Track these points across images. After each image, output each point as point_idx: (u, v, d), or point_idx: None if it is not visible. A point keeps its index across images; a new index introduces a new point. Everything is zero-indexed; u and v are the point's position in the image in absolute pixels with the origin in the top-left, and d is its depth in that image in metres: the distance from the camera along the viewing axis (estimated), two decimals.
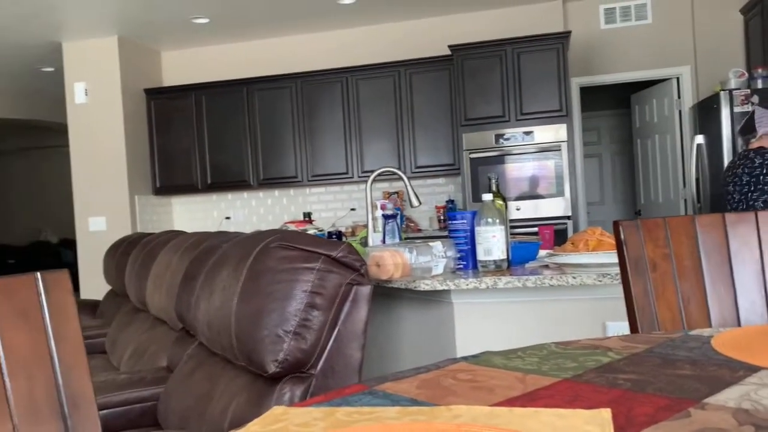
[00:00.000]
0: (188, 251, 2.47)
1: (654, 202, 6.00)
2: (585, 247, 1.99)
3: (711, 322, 1.18)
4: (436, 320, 2.10)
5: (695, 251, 1.21)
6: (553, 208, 5.12)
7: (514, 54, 5.18)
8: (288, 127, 5.91)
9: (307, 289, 1.55)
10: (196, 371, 1.93)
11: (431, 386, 0.74)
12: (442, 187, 5.98)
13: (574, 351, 0.88)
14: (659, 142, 5.88)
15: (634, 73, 5.71)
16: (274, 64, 6.24)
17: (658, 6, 5.63)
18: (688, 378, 0.73)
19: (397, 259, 1.96)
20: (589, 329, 1.91)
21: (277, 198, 6.33)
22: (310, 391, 1.61)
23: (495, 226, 2.00)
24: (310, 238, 1.66)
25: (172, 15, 5.43)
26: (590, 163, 7.50)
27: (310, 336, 1.55)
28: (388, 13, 5.74)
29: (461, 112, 5.28)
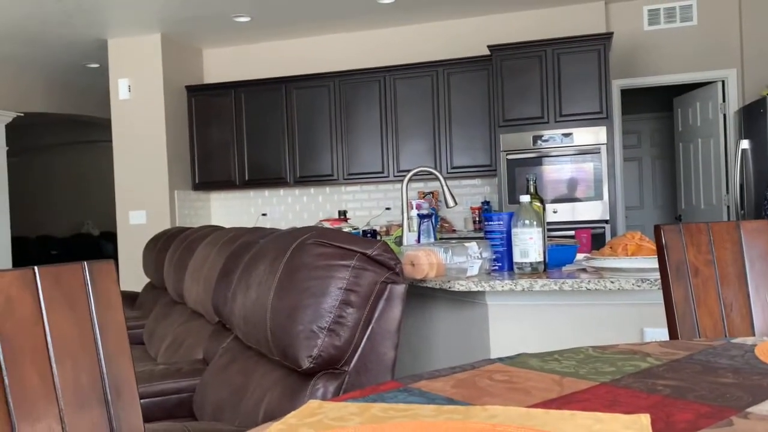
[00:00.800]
0: (226, 246, 2.51)
1: (695, 208, 5.87)
2: (624, 251, 1.96)
3: (754, 330, 1.15)
4: (470, 321, 2.09)
5: (739, 257, 1.18)
6: (590, 212, 5.05)
7: (555, 55, 5.12)
8: (325, 125, 5.95)
9: (342, 286, 1.56)
10: (231, 364, 1.96)
11: (467, 386, 0.74)
12: (478, 188, 5.95)
13: (612, 355, 0.86)
14: (702, 146, 5.75)
15: (678, 76, 5.59)
16: (313, 63, 6.29)
17: (704, 7, 5.50)
18: (730, 386, 0.71)
19: (432, 259, 1.96)
20: (627, 335, 1.88)
21: (313, 196, 6.37)
22: (343, 388, 1.62)
23: (532, 228, 1.98)
24: (345, 236, 1.67)
25: (214, 13, 5.52)
26: (630, 166, 7.37)
27: (344, 333, 1.55)
28: (427, 12, 5.73)
29: (499, 113, 5.24)
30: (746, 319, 1.15)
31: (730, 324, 1.16)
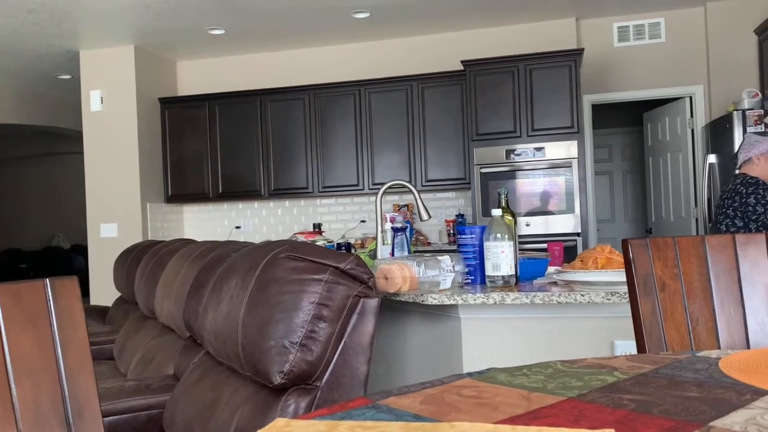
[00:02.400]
0: (198, 260, 2.49)
1: (665, 221, 5.97)
2: (594, 264, 1.98)
3: (720, 343, 1.17)
4: (443, 335, 2.09)
5: (705, 272, 1.21)
6: (563, 225, 5.11)
7: (527, 70, 5.19)
8: (300, 138, 5.94)
9: (315, 301, 1.55)
10: (202, 380, 1.93)
11: (435, 402, 0.74)
12: (452, 201, 5.98)
13: (580, 370, 0.87)
14: (671, 160, 5.86)
15: (647, 92, 5.70)
16: (288, 76, 6.29)
17: (671, 25, 5.63)
18: (694, 400, 0.72)
19: (405, 273, 1.96)
20: (597, 348, 1.90)
21: (288, 208, 6.35)
22: (315, 404, 1.60)
23: (504, 241, 2.00)
24: (318, 250, 1.67)
25: (189, 26, 5.50)
26: (601, 180, 7.48)
27: (317, 348, 1.55)
28: (402, 27, 5.77)
29: (473, 127, 5.29)
30: (712, 333, 1.17)
31: (697, 337, 1.17)
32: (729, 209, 3.50)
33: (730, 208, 3.50)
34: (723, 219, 3.54)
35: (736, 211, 3.45)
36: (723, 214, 3.55)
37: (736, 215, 3.44)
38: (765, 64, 5.24)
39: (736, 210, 3.45)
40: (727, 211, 3.51)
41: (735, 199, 3.45)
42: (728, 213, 3.50)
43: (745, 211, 3.39)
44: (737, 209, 3.44)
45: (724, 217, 3.53)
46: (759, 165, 3.46)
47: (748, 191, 3.35)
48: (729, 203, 3.50)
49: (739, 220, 3.45)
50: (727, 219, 3.51)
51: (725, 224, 3.50)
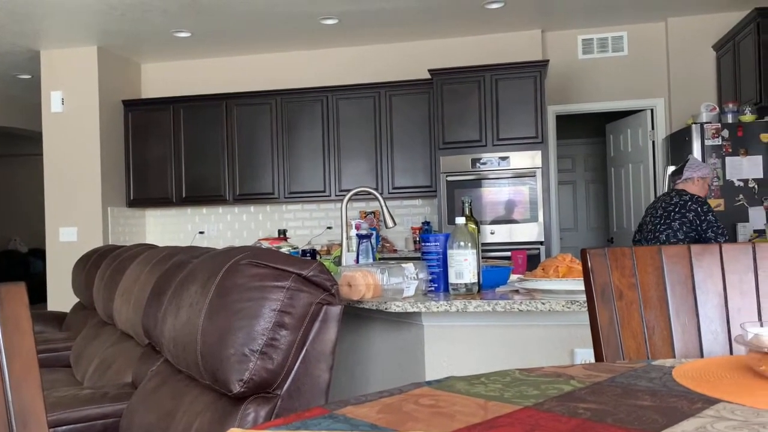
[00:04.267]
0: (158, 265, 2.44)
1: (626, 230, 6.08)
2: (555, 273, 2.01)
3: (675, 352, 1.20)
4: (406, 342, 2.09)
5: (661, 281, 1.23)
6: (527, 233, 5.17)
7: (493, 80, 5.25)
8: (266, 143, 5.90)
9: (276, 308, 1.53)
10: (160, 388, 1.89)
11: (392, 411, 0.74)
12: (419, 209, 6.00)
13: (537, 378, 0.88)
14: (632, 171, 5.98)
15: (610, 103, 5.82)
16: (255, 81, 6.25)
17: (634, 39, 5.76)
18: (647, 409, 0.73)
19: (369, 280, 1.96)
20: (558, 356, 1.92)
21: (253, 214, 6.29)
22: (276, 412, 1.58)
23: (467, 249, 2.01)
24: (281, 256, 1.65)
25: (154, 28, 5.42)
26: (565, 189, 7.60)
27: (277, 356, 1.53)
28: (370, 35, 5.79)
29: (439, 135, 5.32)
30: (667, 342, 1.19)
31: (653, 346, 1.19)
32: (675, 222, 3.71)
33: (676, 221, 3.70)
34: (665, 230, 3.75)
35: (682, 225, 3.66)
36: (665, 225, 3.74)
37: (681, 228, 3.65)
38: (722, 80, 5.39)
39: (683, 224, 3.67)
40: (672, 223, 3.72)
41: (684, 214, 3.68)
42: (673, 225, 3.71)
43: (700, 226, 3.65)
44: (684, 223, 3.67)
45: (667, 227, 3.73)
46: (696, 185, 3.85)
47: (704, 209, 3.68)
48: (676, 216, 3.71)
49: (681, 234, 3.66)
50: (669, 230, 3.73)
51: (666, 234, 3.70)
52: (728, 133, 4.62)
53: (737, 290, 1.23)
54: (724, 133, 4.62)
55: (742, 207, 4.64)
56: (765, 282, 1.24)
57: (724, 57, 5.31)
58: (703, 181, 3.86)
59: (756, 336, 0.85)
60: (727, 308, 1.22)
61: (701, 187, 3.86)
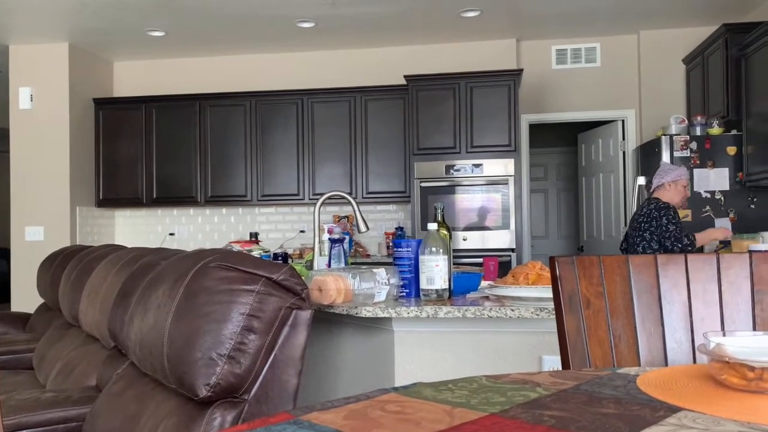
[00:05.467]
0: (126, 267, 2.40)
1: (596, 239, 6.16)
2: (525, 280, 2.02)
3: (640, 360, 1.21)
4: (376, 347, 2.08)
5: (627, 290, 1.25)
6: (499, 240, 5.20)
7: (468, 88, 5.28)
8: (240, 145, 5.85)
9: (245, 312, 1.52)
10: (125, 392, 1.86)
11: (358, 417, 0.73)
12: (393, 214, 6.01)
13: (504, 385, 0.88)
14: (603, 181, 6.06)
15: (582, 114, 5.90)
16: (230, 82, 6.20)
17: (607, 50, 5.85)
18: (611, 417, 0.74)
19: (340, 284, 1.95)
20: (526, 362, 1.93)
21: (225, 216, 6.23)
22: (243, 417, 1.57)
23: (438, 255, 2.01)
24: (251, 259, 1.64)
25: (127, 26, 5.35)
26: (537, 197, 7.67)
27: (245, 360, 1.51)
28: (347, 39, 5.79)
29: (414, 141, 5.34)
30: (633, 350, 1.21)
31: (619, 354, 1.21)
32: (646, 233, 3.74)
33: (647, 232, 3.74)
34: (640, 242, 3.79)
35: (652, 235, 3.70)
36: (639, 237, 3.79)
37: (653, 238, 3.70)
38: (692, 93, 5.50)
39: (653, 234, 3.70)
40: (644, 234, 3.75)
41: (651, 223, 3.71)
42: (645, 236, 3.75)
43: (661, 234, 3.66)
44: (653, 233, 3.68)
45: (641, 239, 3.77)
46: (669, 191, 3.80)
47: (660, 214, 3.66)
48: (645, 227, 3.74)
49: (655, 243, 3.70)
50: (644, 242, 3.76)
51: (642, 246, 3.76)
52: (696, 145, 4.71)
53: (701, 300, 1.25)
54: (692, 145, 4.72)
55: (709, 218, 4.73)
56: (728, 292, 1.26)
57: (694, 71, 5.42)
58: (676, 184, 3.77)
59: (718, 345, 0.86)
60: (692, 317, 1.24)
61: (675, 191, 3.77)
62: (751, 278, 1.26)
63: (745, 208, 4.61)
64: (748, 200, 4.63)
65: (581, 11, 5.19)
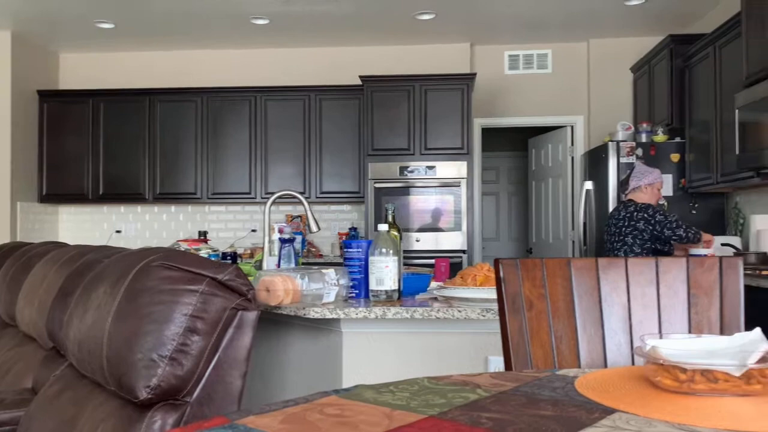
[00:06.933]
0: (67, 265, 2.33)
1: (545, 242, 6.28)
2: (473, 281, 2.04)
3: (580, 362, 1.23)
4: (324, 349, 2.07)
5: (569, 293, 1.27)
6: (451, 242, 5.25)
7: (422, 90, 5.31)
8: (190, 142, 5.75)
9: (188, 313, 1.49)
10: (62, 394, 1.80)
11: (296, 421, 0.72)
12: (347, 214, 6.00)
13: (445, 387, 0.88)
14: (552, 185, 6.18)
15: (533, 119, 6.00)
16: (181, 77, 6.08)
17: (558, 57, 5.96)
18: (548, 419, 0.75)
19: (288, 285, 1.93)
20: (473, 363, 1.95)
21: (174, 214, 6.11)
22: (184, 420, 1.53)
23: (388, 256, 2.01)
24: (195, 259, 1.60)
25: (75, 16, 5.19)
26: (488, 200, 7.77)
27: (188, 362, 1.48)
28: (302, 37, 5.75)
29: (368, 142, 5.33)
30: (573, 352, 1.23)
31: (560, 356, 1.23)
32: (628, 237, 3.69)
33: (629, 236, 3.69)
34: (621, 246, 3.73)
35: (635, 239, 3.66)
36: (620, 241, 3.73)
37: (636, 242, 3.66)
38: (638, 100, 5.66)
39: (636, 237, 3.66)
40: (626, 238, 3.70)
41: (635, 226, 3.66)
42: (627, 240, 3.70)
43: (659, 231, 3.61)
44: (637, 236, 3.65)
45: (622, 244, 3.72)
46: (645, 193, 3.79)
47: (648, 213, 3.64)
48: (627, 231, 3.69)
49: (637, 247, 3.66)
50: (624, 246, 3.71)
51: (623, 251, 3.70)
52: (642, 151, 4.85)
53: (640, 303, 1.28)
54: (638, 151, 4.85)
55: None
56: (666, 295, 1.30)
57: (641, 79, 5.58)
58: (652, 187, 3.78)
59: (653, 348, 0.88)
60: (631, 320, 1.27)
61: (651, 194, 3.78)
62: (687, 282, 1.30)
63: (687, 213, 4.76)
64: (689, 206, 4.79)
65: (534, 18, 5.29)
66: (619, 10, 5.13)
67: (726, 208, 4.80)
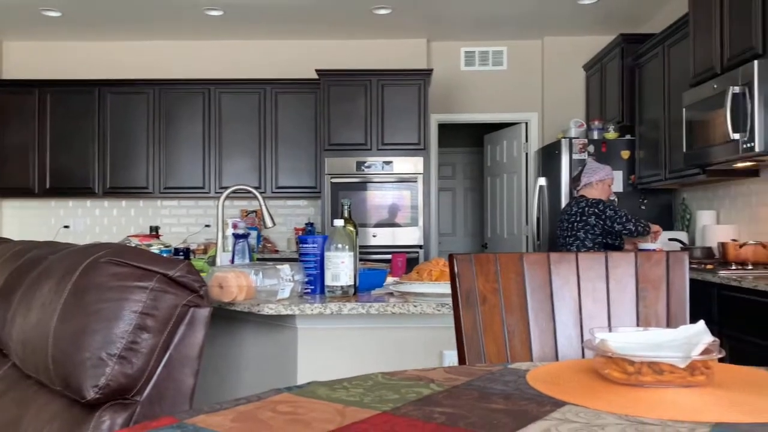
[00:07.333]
0: (10, 261, 2.24)
1: (500, 237, 6.36)
2: (428, 276, 2.05)
3: (532, 356, 1.25)
4: (279, 345, 2.05)
5: (522, 287, 1.28)
6: (408, 237, 5.27)
7: (379, 85, 5.31)
8: (142, 134, 5.61)
9: (138, 310, 1.45)
10: (5, 395, 1.74)
11: (247, 419, 0.71)
12: (303, 209, 5.96)
13: (399, 382, 0.88)
14: (507, 181, 6.26)
15: (488, 115, 6.06)
16: (132, 69, 5.93)
17: (513, 55, 6.04)
18: (499, 412, 0.75)
19: (242, 281, 1.90)
20: (428, 358, 1.96)
21: (125, 209, 5.96)
22: (134, 420, 1.50)
23: (344, 252, 2.00)
24: (145, 255, 1.57)
25: (19, 2, 5.00)
26: (445, 196, 7.82)
27: (138, 360, 1.45)
28: (258, 30, 5.67)
29: (325, 137, 5.31)
30: (526, 345, 1.25)
31: (513, 350, 1.24)
32: (580, 231, 3.78)
33: (581, 231, 3.77)
34: (573, 241, 3.81)
35: (587, 233, 3.75)
36: (572, 236, 3.81)
37: (587, 237, 3.75)
38: (590, 98, 5.78)
39: (588, 232, 3.75)
40: (578, 233, 3.79)
41: (587, 220, 3.75)
42: (579, 235, 3.79)
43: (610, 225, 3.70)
44: (589, 231, 3.74)
45: (574, 239, 3.80)
46: (596, 189, 3.90)
47: (599, 208, 3.73)
48: (579, 225, 3.78)
49: (589, 242, 3.75)
50: (577, 241, 3.80)
51: (576, 245, 3.79)
52: (594, 148, 4.95)
53: (590, 297, 1.31)
54: (590, 148, 4.95)
55: None
56: (615, 290, 1.33)
57: (593, 77, 5.69)
58: (603, 183, 3.89)
59: (602, 341, 0.90)
60: (581, 314, 1.30)
61: (602, 190, 3.88)
62: (636, 277, 1.33)
63: (636, 209, 4.88)
64: (639, 201, 4.92)
65: (489, 15, 5.33)
66: (572, 9, 5.22)
67: (674, 203, 4.95)
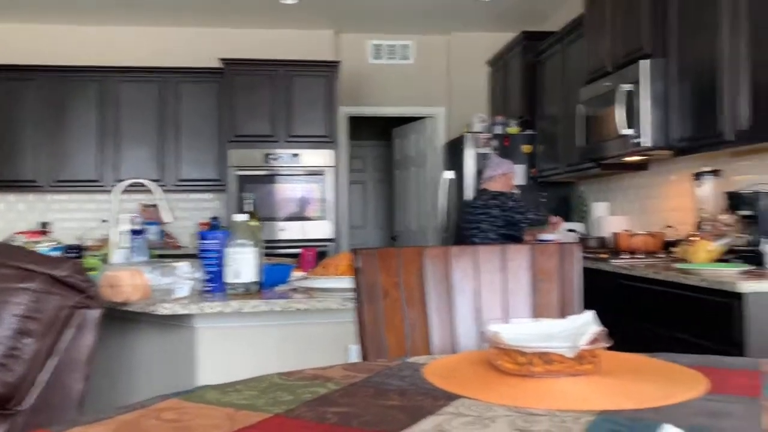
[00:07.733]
0: None
1: (409, 229, 6.43)
2: (335, 271, 2.04)
3: (432, 349, 1.26)
4: (176, 347, 1.98)
5: (423, 281, 1.29)
6: (318, 231, 5.23)
7: (286, 76, 5.22)
8: (28, 124, 5.25)
9: (19, 313, 1.35)
10: None
11: (129, 429, 0.67)
12: (208, 203, 5.78)
13: (295, 382, 0.86)
14: (415, 174, 6.34)
15: (397, 109, 6.11)
16: (18, 53, 5.53)
17: (420, 49, 6.10)
18: (394, 409, 0.75)
19: (137, 280, 1.81)
20: (334, 353, 1.95)
21: (12, 203, 5.57)
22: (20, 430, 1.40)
23: (247, 247, 1.95)
24: (28, 254, 1.46)
25: None
26: (356, 189, 7.82)
27: (19, 367, 1.35)
28: (159, 15, 5.44)
29: (229, 128, 5.16)
30: (425, 339, 1.26)
31: (413, 344, 1.25)
32: (482, 223, 3.89)
33: (484, 222, 3.89)
34: (477, 233, 3.92)
35: (491, 225, 3.86)
36: (475, 228, 3.92)
37: (492, 229, 3.87)
38: (494, 94, 5.94)
39: (492, 223, 3.86)
40: (480, 225, 3.90)
41: (489, 212, 3.87)
42: (481, 227, 3.90)
43: (511, 216, 3.84)
44: (493, 223, 3.86)
45: (477, 230, 3.91)
46: (499, 182, 4.05)
47: (501, 200, 3.86)
48: (481, 217, 3.90)
49: (492, 233, 3.87)
50: (480, 232, 3.91)
51: (480, 237, 3.90)
52: (497, 143, 5.09)
53: (488, 289, 1.33)
54: (493, 142, 5.08)
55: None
56: (512, 281, 1.36)
57: (497, 73, 5.85)
58: (505, 176, 4.04)
59: (495, 333, 0.92)
60: (480, 306, 1.32)
61: (504, 183, 4.03)
62: (531, 269, 1.37)
63: (537, 201, 5.07)
64: (539, 194, 5.10)
65: (396, 9, 5.36)
66: (475, 5, 5.34)
67: (572, 196, 5.17)
